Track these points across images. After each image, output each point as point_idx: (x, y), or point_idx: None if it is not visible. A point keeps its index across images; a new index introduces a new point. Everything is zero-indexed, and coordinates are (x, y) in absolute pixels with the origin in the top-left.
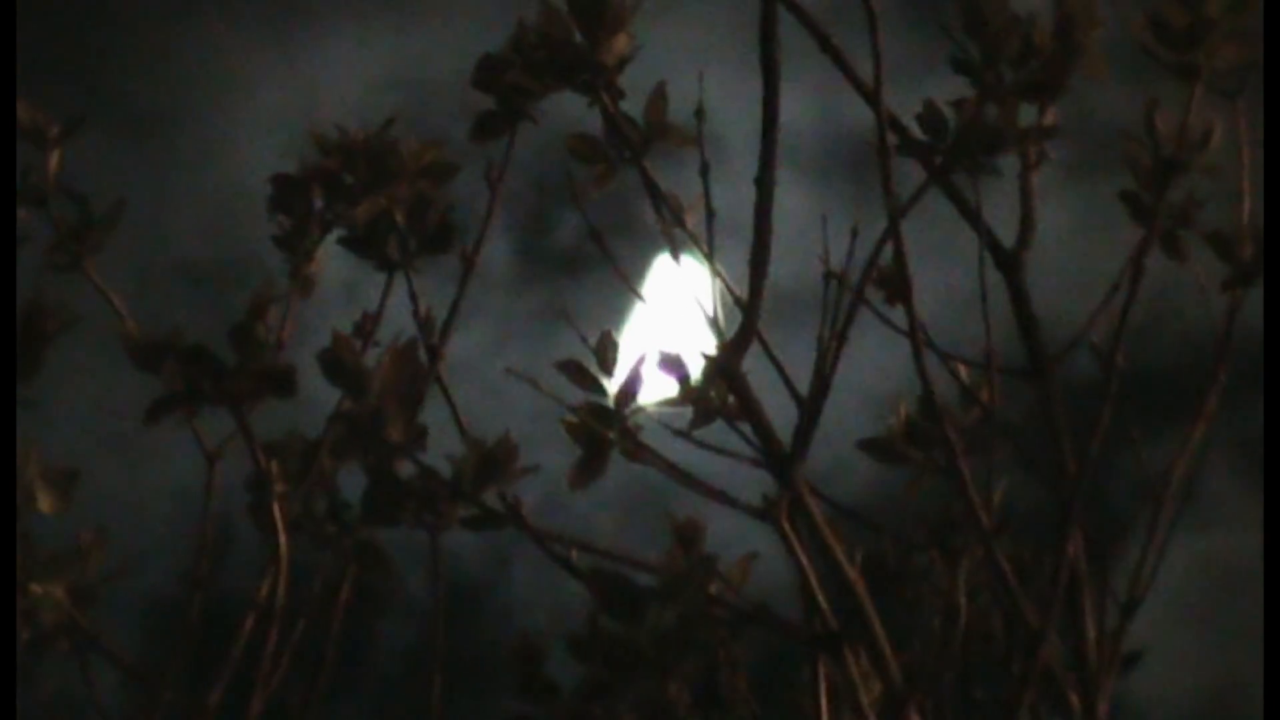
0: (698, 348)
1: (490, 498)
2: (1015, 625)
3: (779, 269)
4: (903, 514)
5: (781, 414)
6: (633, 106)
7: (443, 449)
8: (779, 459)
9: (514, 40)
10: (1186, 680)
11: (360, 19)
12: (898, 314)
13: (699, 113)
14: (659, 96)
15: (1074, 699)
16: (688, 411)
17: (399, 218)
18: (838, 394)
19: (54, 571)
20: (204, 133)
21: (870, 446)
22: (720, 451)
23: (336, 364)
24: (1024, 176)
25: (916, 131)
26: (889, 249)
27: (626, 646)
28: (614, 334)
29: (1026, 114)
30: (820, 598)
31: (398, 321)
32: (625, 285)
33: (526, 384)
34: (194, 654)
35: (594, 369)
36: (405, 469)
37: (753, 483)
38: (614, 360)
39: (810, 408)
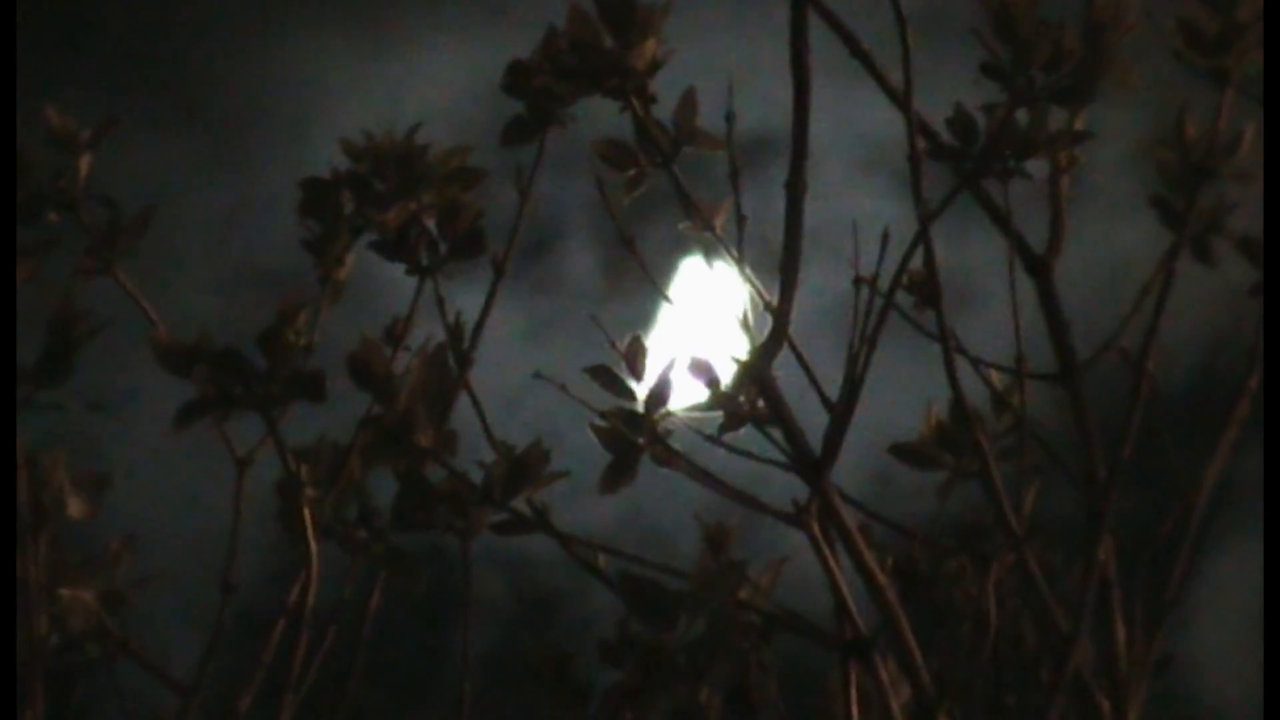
0: (728, 352)
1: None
2: (1046, 631)
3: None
4: (934, 519)
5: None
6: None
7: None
8: (809, 464)
9: (544, 45)
10: (1245, 688)
11: (456, 29)
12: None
13: (729, 117)
14: (689, 101)
15: (1105, 705)
16: (718, 416)
17: (429, 223)
18: (870, 399)
19: (84, 577)
20: (295, 140)
21: (902, 451)
22: (750, 456)
23: (365, 369)
24: (1054, 182)
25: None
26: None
27: (657, 652)
28: (643, 338)
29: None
30: (851, 604)
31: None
32: (655, 289)
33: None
34: (226, 660)
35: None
36: (437, 474)
37: (784, 488)
38: (643, 365)
39: (841, 413)
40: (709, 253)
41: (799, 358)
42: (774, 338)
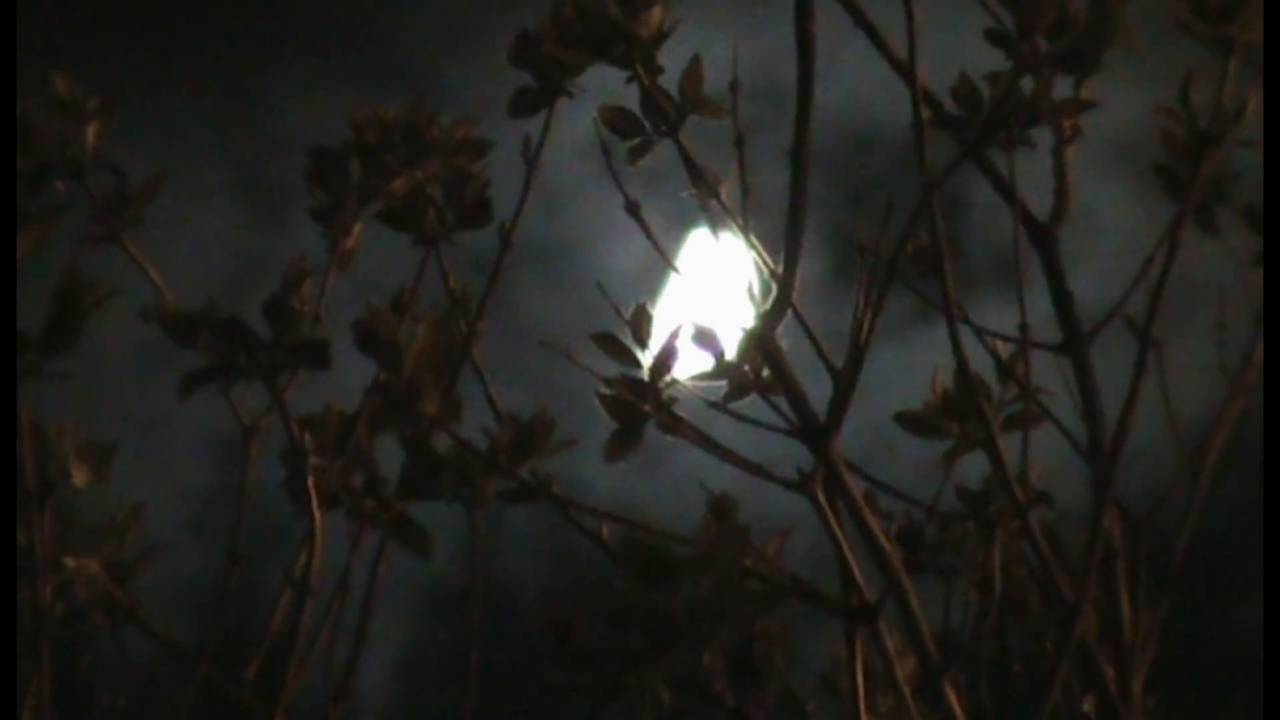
0: (734, 321)
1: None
2: (1051, 599)
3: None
4: (939, 487)
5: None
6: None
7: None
8: (814, 431)
9: (552, 15)
10: None
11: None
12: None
13: (733, 86)
14: (694, 69)
15: (1109, 674)
16: (723, 385)
17: (435, 193)
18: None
19: (90, 546)
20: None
21: (907, 420)
22: (756, 424)
23: (371, 336)
24: (1058, 151)
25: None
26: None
27: (661, 617)
28: (649, 306)
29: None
30: (856, 570)
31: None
32: (661, 257)
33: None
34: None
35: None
36: (444, 444)
37: (789, 456)
38: (649, 333)
39: (845, 380)
40: (714, 221)
41: (803, 325)
42: (778, 306)
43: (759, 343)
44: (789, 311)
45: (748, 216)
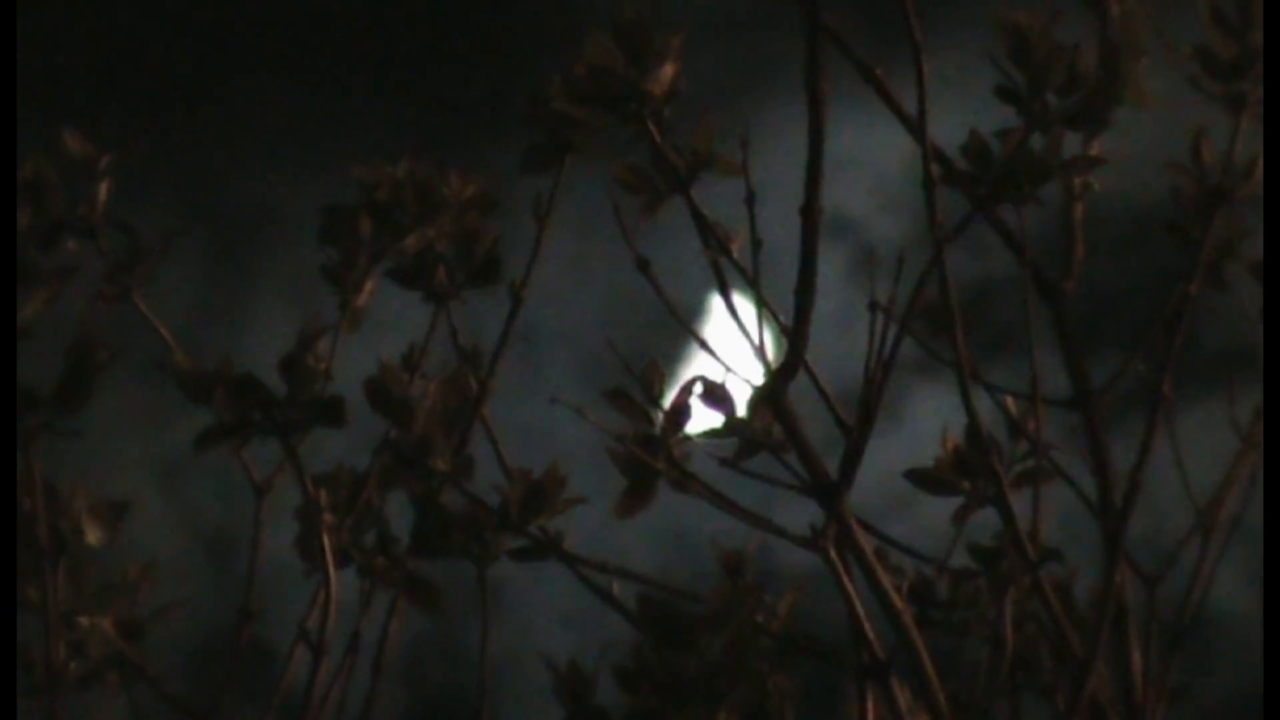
0: (747, 379)
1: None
2: (1062, 656)
3: None
4: (951, 543)
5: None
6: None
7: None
8: (825, 488)
9: (564, 75)
10: None
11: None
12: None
13: (743, 142)
14: (706, 126)
15: None
16: (734, 442)
17: (445, 250)
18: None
19: (102, 605)
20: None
21: (918, 477)
22: (767, 480)
23: (382, 393)
24: (1068, 207)
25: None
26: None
27: (675, 675)
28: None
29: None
30: (867, 627)
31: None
32: (679, 322)
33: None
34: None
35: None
36: (454, 501)
37: (802, 513)
38: (661, 390)
39: (856, 436)
40: (724, 277)
41: (815, 382)
42: (789, 363)
43: (770, 400)
44: (800, 368)
45: (759, 274)
